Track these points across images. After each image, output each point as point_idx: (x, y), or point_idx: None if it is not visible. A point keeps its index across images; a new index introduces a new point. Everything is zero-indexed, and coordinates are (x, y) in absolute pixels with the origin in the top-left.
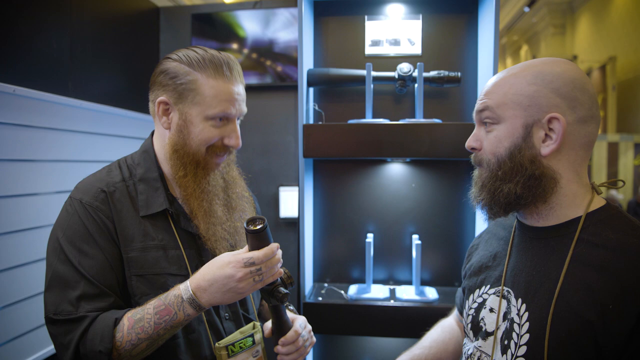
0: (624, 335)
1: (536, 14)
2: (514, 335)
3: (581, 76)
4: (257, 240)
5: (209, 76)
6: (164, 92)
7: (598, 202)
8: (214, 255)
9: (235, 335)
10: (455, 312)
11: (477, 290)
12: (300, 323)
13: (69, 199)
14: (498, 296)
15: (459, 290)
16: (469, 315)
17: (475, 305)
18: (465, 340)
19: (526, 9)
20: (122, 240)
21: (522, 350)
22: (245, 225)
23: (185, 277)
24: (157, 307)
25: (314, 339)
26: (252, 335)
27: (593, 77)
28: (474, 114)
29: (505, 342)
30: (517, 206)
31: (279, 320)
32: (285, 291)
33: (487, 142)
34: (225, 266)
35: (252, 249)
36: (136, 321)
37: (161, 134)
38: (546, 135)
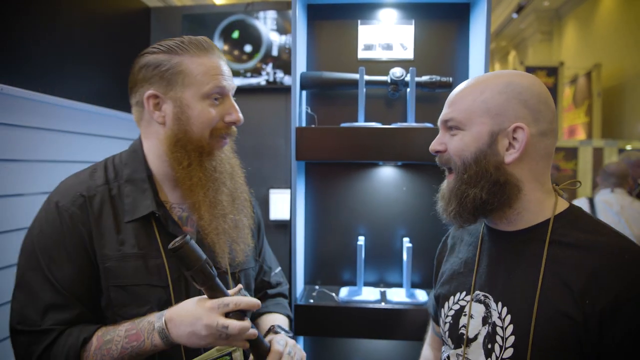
0: (598, 330)
1: (524, 20)
2: (498, 338)
3: (545, 91)
4: (185, 255)
5: (193, 55)
6: (150, 86)
7: (562, 205)
8: (213, 252)
9: (212, 353)
10: (430, 331)
11: (452, 297)
12: (278, 340)
13: (47, 199)
14: (477, 302)
15: (431, 299)
16: (446, 323)
17: (452, 312)
18: (444, 348)
19: (514, 15)
20: (99, 248)
21: (509, 352)
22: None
23: (165, 288)
24: (129, 330)
25: (304, 353)
26: (229, 355)
27: (579, 84)
28: (439, 122)
29: (489, 345)
30: (484, 212)
31: (254, 345)
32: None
33: (452, 145)
34: (200, 306)
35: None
36: (105, 342)
37: (153, 133)
38: (510, 144)
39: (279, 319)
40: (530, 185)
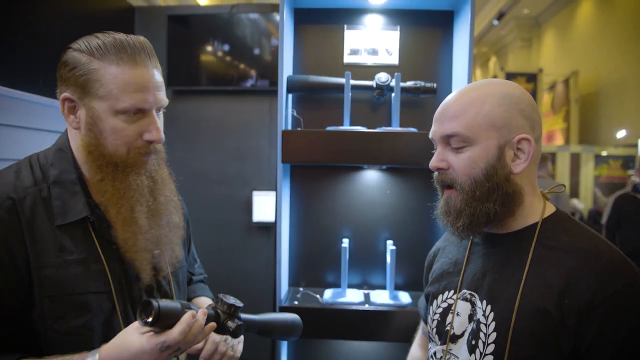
0: (574, 329)
1: (505, 27)
2: (482, 335)
3: (532, 99)
4: (163, 324)
5: (111, 63)
6: (66, 88)
7: (549, 209)
8: (134, 268)
9: None
10: (420, 331)
11: (441, 295)
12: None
13: None
14: (463, 300)
15: (422, 300)
16: (434, 320)
17: (440, 310)
18: (431, 344)
19: (495, 22)
20: (34, 255)
21: (491, 348)
22: (140, 320)
23: (109, 294)
24: None
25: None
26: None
27: (557, 90)
28: (435, 135)
29: (473, 342)
30: (493, 222)
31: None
32: (238, 323)
33: (458, 164)
34: (139, 354)
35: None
36: None
37: (74, 134)
38: (515, 154)
39: (208, 302)
40: (527, 191)
